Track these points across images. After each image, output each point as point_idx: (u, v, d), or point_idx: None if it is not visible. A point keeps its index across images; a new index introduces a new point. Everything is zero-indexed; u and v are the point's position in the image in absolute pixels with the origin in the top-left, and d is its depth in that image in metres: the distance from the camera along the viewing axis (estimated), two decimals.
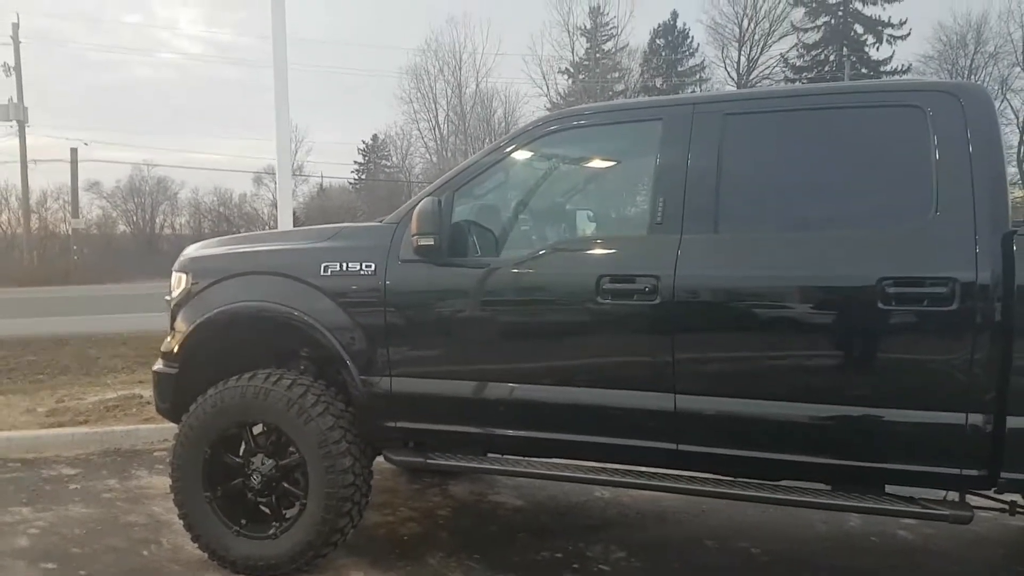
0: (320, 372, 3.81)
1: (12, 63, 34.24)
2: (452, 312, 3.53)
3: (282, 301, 3.66)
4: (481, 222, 3.67)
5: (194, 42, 69.56)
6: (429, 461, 3.60)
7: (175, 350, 3.88)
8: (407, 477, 5.10)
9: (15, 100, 33.88)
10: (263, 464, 3.68)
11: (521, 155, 3.62)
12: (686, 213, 3.25)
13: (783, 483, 3.33)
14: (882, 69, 43.45)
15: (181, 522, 3.79)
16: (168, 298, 4.01)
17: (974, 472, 2.94)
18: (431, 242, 3.33)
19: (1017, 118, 39.69)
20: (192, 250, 4.21)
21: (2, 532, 4.23)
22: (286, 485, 3.67)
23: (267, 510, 3.72)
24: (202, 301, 3.83)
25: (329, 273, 3.61)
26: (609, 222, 3.78)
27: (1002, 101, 39.37)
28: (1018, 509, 3.27)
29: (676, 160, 3.33)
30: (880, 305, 2.97)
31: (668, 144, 3.36)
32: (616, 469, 3.48)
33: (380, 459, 3.80)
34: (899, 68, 42.51)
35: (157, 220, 50.26)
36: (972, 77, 39.69)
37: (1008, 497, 3.19)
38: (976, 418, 2.90)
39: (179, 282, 3.96)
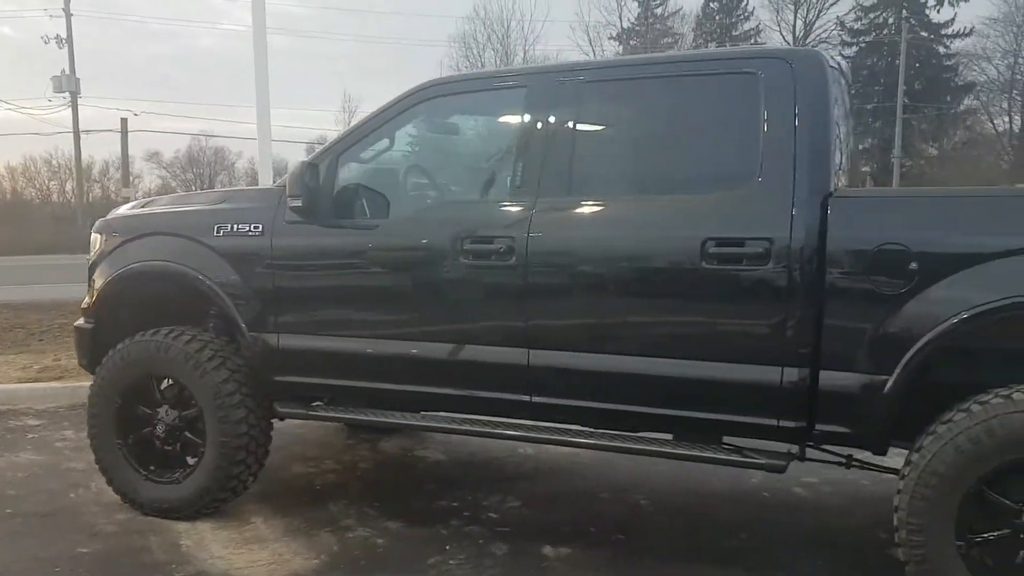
0: (226, 329, 4.08)
1: (65, 35, 35.40)
2: (331, 272, 3.76)
3: (181, 261, 3.93)
4: (372, 185, 3.86)
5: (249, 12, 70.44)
6: (311, 414, 3.85)
7: (91, 307, 4.19)
8: (345, 433, 5.37)
9: (67, 72, 35.02)
10: (168, 414, 3.98)
11: (403, 120, 3.80)
12: (541, 178, 3.41)
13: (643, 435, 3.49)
14: (943, 32, 41.97)
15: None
16: (88, 258, 4.32)
17: (791, 424, 3.08)
18: (299, 203, 3.56)
19: None
20: (112, 213, 4.52)
21: None
22: (189, 434, 3.96)
23: (173, 457, 4.02)
24: (112, 261, 4.12)
25: (221, 234, 3.86)
26: (479, 186, 3.94)
27: None
28: (854, 463, 3.38)
29: (535, 127, 3.49)
30: (704, 265, 3.10)
31: (529, 111, 3.51)
32: (488, 421, 3.67)
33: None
34: (961, 31, 41.05)
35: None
36: None
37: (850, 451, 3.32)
38: (792, 372, 3.03)
39: (95, 243, 4.26)
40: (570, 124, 3.41)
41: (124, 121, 35.81)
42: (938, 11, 42.65)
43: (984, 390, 2.84)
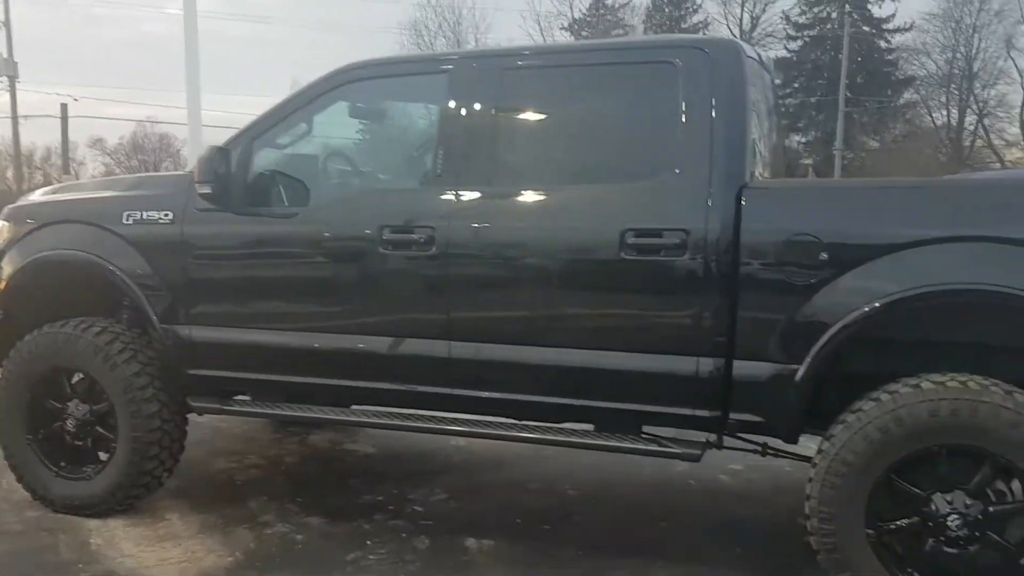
0: (138, 321, 3.94)
1: (2, 18, 34.16)
2: (245, 262, 3.65)
3: (90, 249, 3.78)
4: (290, 172, 3.75)
5: None
6: (225, 408, 3.75)
7: None
8: (273, 427, 5.26)
9: (5, 55, 33.83)
10: (78, 409, 3.83)
11: (321, 105, 3.69)
12: (462, 167, 3.35)
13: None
14: (884, 27, 42.80)
15: None
16: None
17: (706, 413, 3.08)
18: (208, 190, 3.44)
19: (1021, 77, 39.21)
20: (24, 199, 4.33)
21: None
22: (100, 429, 3.82)
23: (84, 453, 3.87)
24: (22, 248, 3.95)
25: (131, 221, 3.72)
26: (401, 173, 3.87)
27: (1006, 59, 38.96)
28: (769, 451, 3.39)
29: (456, 114, 3.41)
30: (623, 255, 3.08)
31: (451, 97, 3.43)
32: (409, 415, 3.61)
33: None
34: (902, 26, 41.89)
35: None
36: (976, 35, 39.20)
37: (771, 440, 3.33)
38: (707, 362, 3.03)
39: (4, 230, 4.08)
40: (491, 112, 3.35)
41: (64, 107, 34.77)
42: (879, 6, 43.45)
43: (896, 379, 2.87)
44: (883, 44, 42.80)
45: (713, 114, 3.06)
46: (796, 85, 43.53)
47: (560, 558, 3.50)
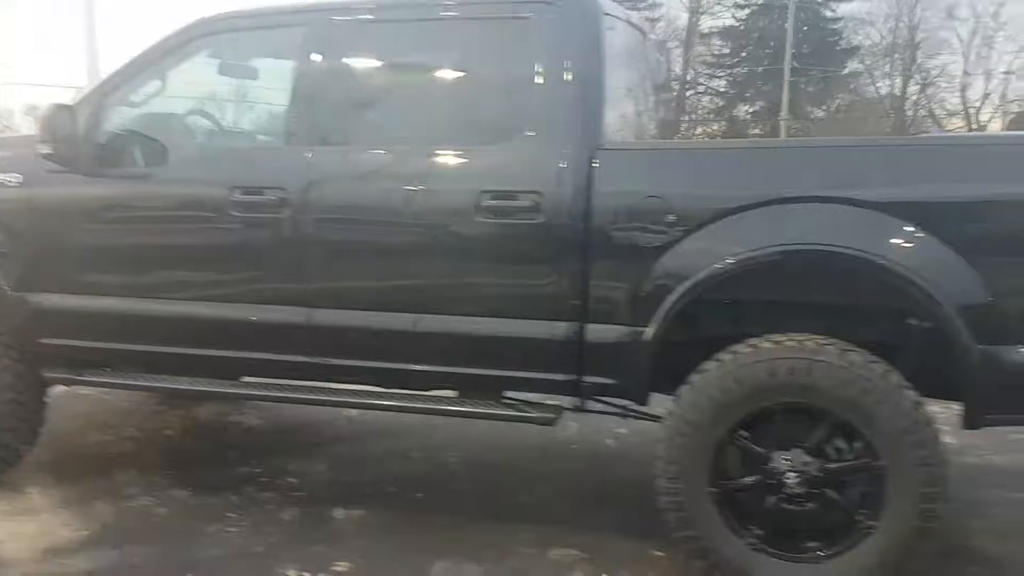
0: None
1: None
2: (95, 226, 3.54)
3: None
4: (147, 131, 3.65)
5: None
6: (79, 379, 3.68)
7: None
8: (157, 399, 5.17)
9: None
10: None
11: (175, 60, 3.59)
12: (318, 126, 3.30)
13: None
14: None
15: None
16: None
17: (562, 377, 3.11)
18: (49, 150, 3.34)
19: (963, 46, 40.06)
20: None
21: None
22: None
23: None
24: None
25: None
26: (258, 132, 3.81)
27: (948, 30, 39.72)
28: (629, 413, 3.45)
29: (312, 70, 3.35)
30: (479, 218, 3.07)
31: (307, 53, 3.37)
32: (272, 384, 3.58)
33: None
34: None
35: None
36: (918, 5, 39.85)
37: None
38: (561, 326, 3.05)
39: None
40: (348, 68, 3.31)
41: None
42: None
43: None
44: (828, 14, 43.30)
45: (567, 73, 3.06)
46: (744, 54, 43.91)
47: (427, 524, 3.51)
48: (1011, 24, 36.28)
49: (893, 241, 2.72)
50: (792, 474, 2.84)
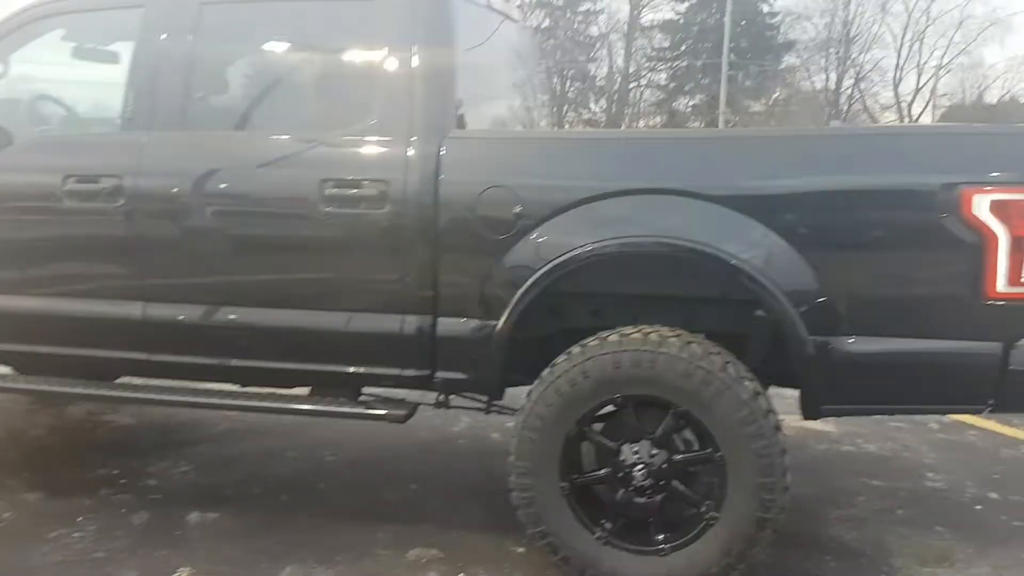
0: None
1: None
2: None
3: None
4: None
5: None
6: None
7: None
8: (27, 398, 4.99)
9: None
10: None
11: (15, 42, 3.44)
12: (154, 109, 3.20)
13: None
14: None
15: None
16: None
17: (414, 372, 3.06)
18: None
19: (895, 42, 41.10)
20: None
21: None
22: None
23: None
24: None
25: None
26: (96, 117, 3.69)
27: (881, 24, 40.75)
28: (492, 408, 3.42)
29: (149, 51, 3.25)
30: (324, 208, 3.00)
31: (145, 34, 3.26)
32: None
33: None
34: None
35: None
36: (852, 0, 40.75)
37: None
38: (412, 320, 3.00)
39: None
40: (187, 50, 3.19)
41: None
42: None
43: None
44: (765, 8, 44.03)
45: (414, 57, 3.01)
46: (683, 48, 44.41)
47: (285, 527, 3.43)
48: (941, 20, 37.48)
49: (729, 233, 2.73)
50: (640, 467, 2.85)
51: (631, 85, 45.77)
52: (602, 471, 2.91)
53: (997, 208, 2.55)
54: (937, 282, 2.67)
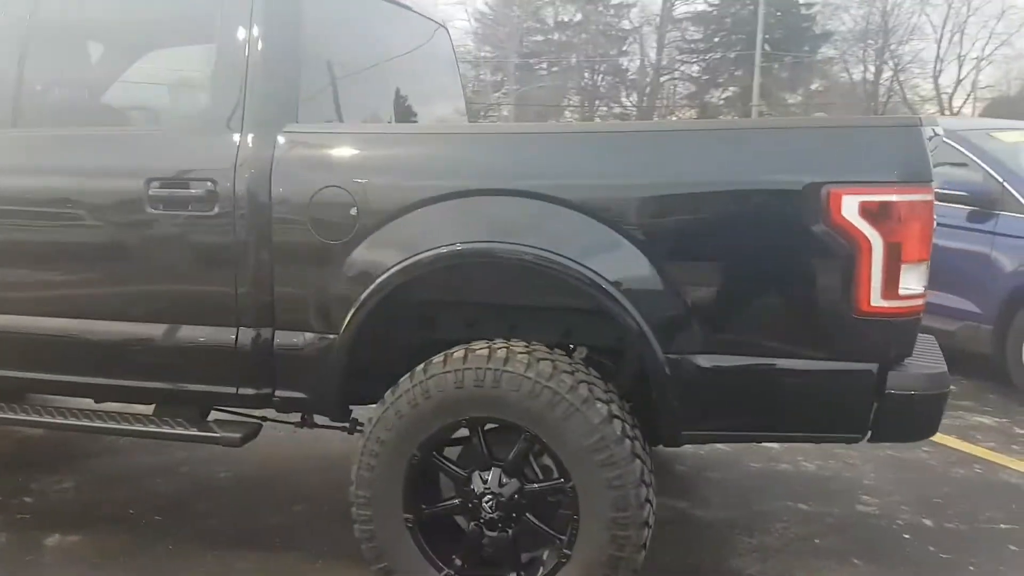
0: None
1: None
2: None
3: None
4: None
5: None
6: None
7: None
8: None
9: None
10: None
11: None
12: None
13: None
14: None
15: None
16: None
17: (251, 391, 2.84)
18: None
19: (935, 33, 40.17)
20: None
21: None
22: None
23: None
24: None
25: None
26: None
27: (920, 15, 39.81)
28: (358, 428, 3.19)
29: None
30: (151, 210, 2.80)
31: None
32: None
33: None
34: None
35: None
36: None
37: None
38: (246, 334, 2.79)
39: None
40: (18, 36, 3.00)
41: None
42: None
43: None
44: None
45: (250, 43, 2.77)
46: (716, 40, 43.87)
47: (144, 553, 3.24)
48: (981, 10, 36.47)
49: (573, 238, 2.48)
50: (489, 497, 2.61)
51: (663, 78, 45.41)
52: (451, 502, 2.68)
53: (868, 211, 2.26)
54: (804, 295, 2.38)
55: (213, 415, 3.11)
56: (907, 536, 3.41)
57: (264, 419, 3.11)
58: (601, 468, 2.44)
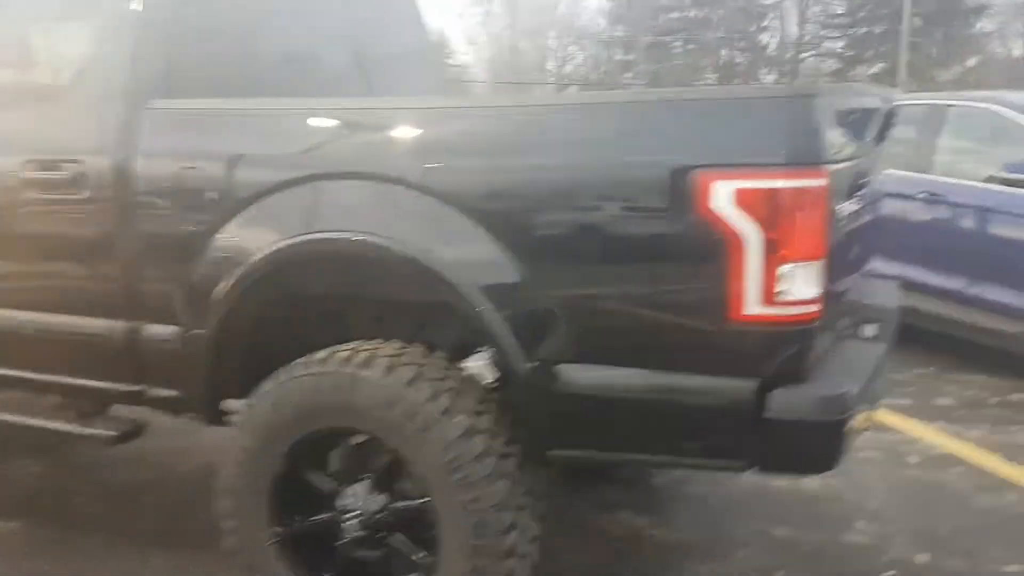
0: None
1: None
2: None
3: None
4: None
5: None
6: None
7: None
8: None
9: None
10: None
11: None
12: None
13: None
14: None
15: None
16: None
17: (123, 387, 2.76)
18: None
19: None
20: None
21: None
22: None
23: None
24: None
25: None
26: None
27: None
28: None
29: None
30: (29, 194, 2.75)
31: None
32: None
33: None
34: None
35: None
36: None
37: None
38: (116, 326, 2.70)
39: None
40: None
41: None
42: None
43: None
44: None
45: (117, 12, 2.68)
46: (862, 14, 41.78)
47: (74, 546, 3.22)
48: None
49: (430, 230, 2.24)
50: (354, 513, 2.41)
51: (806, 54, 43.66)
52: (318, 517, 2.49)
53: (744, 199, 1.92)
54: (672, 299, 2.05)
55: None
56: (890, 573, 2.98)
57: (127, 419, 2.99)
58: (459, 489, 2.21)
